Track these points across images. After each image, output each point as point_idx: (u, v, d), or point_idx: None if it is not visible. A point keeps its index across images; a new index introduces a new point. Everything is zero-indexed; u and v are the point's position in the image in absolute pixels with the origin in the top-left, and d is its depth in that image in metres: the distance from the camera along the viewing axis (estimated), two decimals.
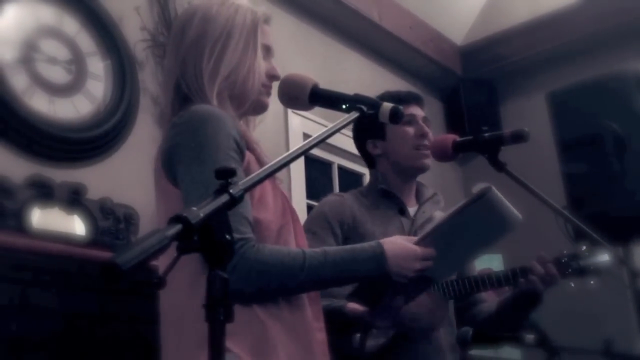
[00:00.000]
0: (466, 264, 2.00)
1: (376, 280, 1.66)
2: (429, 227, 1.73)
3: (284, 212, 1.58)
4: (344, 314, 1.92)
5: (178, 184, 1.49)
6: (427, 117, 2.34)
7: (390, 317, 1.88)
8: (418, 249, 1.63)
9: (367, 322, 1.91)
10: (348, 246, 1.62)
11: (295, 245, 1.58)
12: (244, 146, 1.54)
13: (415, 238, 1.70)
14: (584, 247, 2.02)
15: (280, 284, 1.46)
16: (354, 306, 1.91)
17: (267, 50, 1.72)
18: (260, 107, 1.72)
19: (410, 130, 2.28)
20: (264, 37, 1.71)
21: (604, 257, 2.01)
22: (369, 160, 2.40)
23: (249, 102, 1.66)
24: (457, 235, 1.71)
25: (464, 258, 1.89)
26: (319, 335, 1.57)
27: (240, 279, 1.35)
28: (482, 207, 1.69)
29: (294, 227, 1.60)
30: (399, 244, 1.62)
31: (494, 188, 1.68)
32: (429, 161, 2.29)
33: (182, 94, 1.63)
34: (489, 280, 2.07)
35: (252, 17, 1.68)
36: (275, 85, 1.64)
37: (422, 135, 2.27)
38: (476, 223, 1.71)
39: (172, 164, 1.52)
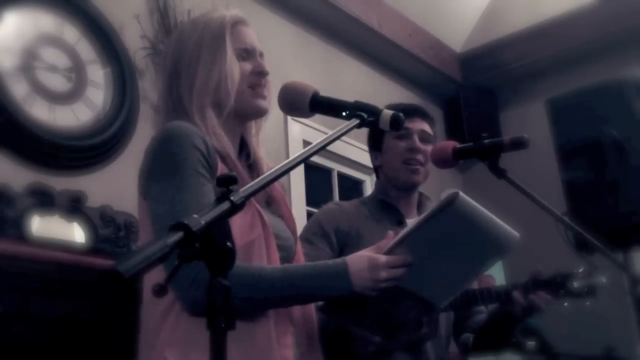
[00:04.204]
0: (466, 284, 1.93)
1: (345, 298, 1.58)
2: (399, 235, 1.63)
3: (253, 228, 1.53)
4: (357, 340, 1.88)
5: (146, 199, 1.52)
6: (426, 131, 2.31)
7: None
8: (382, 257, 1.54)
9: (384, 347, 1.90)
10: (312, 263, 1.58)
11: (268, 259, 1.54)
12: (214, 161, 1.53)
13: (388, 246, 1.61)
14: (582, 269, 2.00)
15: (235, 298, 1.43)
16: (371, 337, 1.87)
17: (247, 51, 1.69)
18: (253, 110, 1.69)
19: (402, 144, 2.28)
20: (239, 38, 1.68)
21: (600, 279, 1.98)
22: (375, 170, 2.43)
23: (229, 107, 1.63)
24: (434, 247, 1.60)
25: (459, 278, 1.77)
26: (285, 351, 1.53)
27: (196, 294, 1.34)
28: (452, 214, 1.57)
29: (267, 240, 1.55)
30: (364, 257, 1.54)
31: (461, 194, 1.56)
32: (419, 177, 2.27)
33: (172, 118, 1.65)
34: (481, 296, 2.05)
35: (220, 24, 1.67)
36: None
37: (412, 149, 2.26)
38: (451, 233, 1.60)
39: (142, 181, 1.55)
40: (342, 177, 4.34)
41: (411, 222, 2.21)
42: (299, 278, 1.50)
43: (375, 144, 2.37)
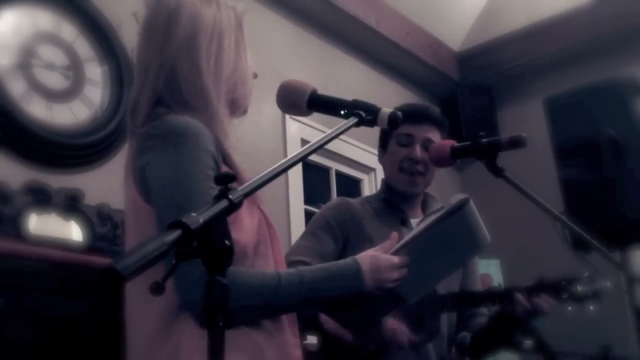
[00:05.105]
0: (436, 285, 1.92)
1: (354, 297, 1.59)
2: (407, 237, 1.67)
3: (260, 228, 1.51)
4: (325, 332, 1.93)
5: (152, 202, 1.42)
6: (431, 140, 2.21)
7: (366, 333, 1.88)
8: (395, 258, 1.57)
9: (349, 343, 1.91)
10: (324, 265, 1.57)
11: (273, 258, 1.53)
12: (220, 162, 1.48)
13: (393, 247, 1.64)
14: (586, 273, 2.00)
15: (256, 308, 1.41)
16: (336, 328, 1.91)
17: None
18: (242, 110, 1.66)
19: (403, 150, 2.23)
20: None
21: (604, 283, 1.97)
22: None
23: (243, 105, 1.61)
24: (433, 249, 1.65)
25: (435, 277, 1.80)
26: (297, 352, 1.53)
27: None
28: (461, 219, 1.63)
29: (272, 240, 1.55)
30: (374, 257, 1.55)
31: (471, 200, 1.63)
32: (417, 188, 2.24)
33: (158, 97, 1.54)
34: (483, 297, 2.05)
35: (235, 15, 1.61)
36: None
37: (411, 159, 2.21)
38: (452, 237, 1.65)
39: (146, 181, 1.44)
40: (340, 175, 4.34)
41: (415, 221, 2.23)
42: (316, 281, 1.48)
43: (382, 142, 2.33)
